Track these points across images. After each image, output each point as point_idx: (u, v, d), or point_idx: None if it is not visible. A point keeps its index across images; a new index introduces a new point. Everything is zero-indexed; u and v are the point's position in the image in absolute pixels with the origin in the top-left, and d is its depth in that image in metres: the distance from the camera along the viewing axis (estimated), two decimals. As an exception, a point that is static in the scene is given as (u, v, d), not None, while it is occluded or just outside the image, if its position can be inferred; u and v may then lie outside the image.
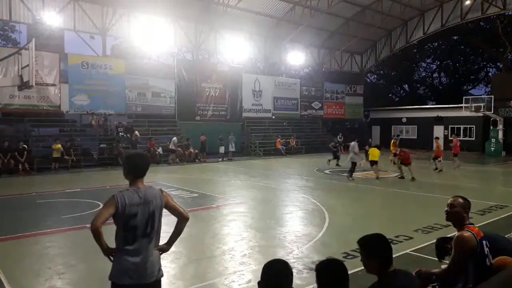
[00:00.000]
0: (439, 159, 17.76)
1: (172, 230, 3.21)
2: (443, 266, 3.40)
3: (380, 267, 2.56)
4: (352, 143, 15.76)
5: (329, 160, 19.86)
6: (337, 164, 19.51)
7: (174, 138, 21.32)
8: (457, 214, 3.28)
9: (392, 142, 21.08)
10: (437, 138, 20.00)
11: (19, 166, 16.76)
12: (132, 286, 2.92)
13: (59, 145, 17.87)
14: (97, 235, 2.90)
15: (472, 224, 3.30)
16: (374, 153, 15.08)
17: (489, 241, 3.24)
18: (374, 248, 2.62)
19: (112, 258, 3.01)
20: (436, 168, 17.63)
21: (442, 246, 3.70)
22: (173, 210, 3.16)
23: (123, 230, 2.97)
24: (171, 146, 21.05)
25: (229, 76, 27.14)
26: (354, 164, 14.97)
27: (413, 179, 14.53)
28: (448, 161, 19.00)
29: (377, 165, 15.12)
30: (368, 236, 2.69)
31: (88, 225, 8.23)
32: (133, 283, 2.92)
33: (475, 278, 3.08)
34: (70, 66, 20.88)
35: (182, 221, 3.18)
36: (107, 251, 3.01)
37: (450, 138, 27.32)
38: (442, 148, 18.72)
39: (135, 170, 3.05)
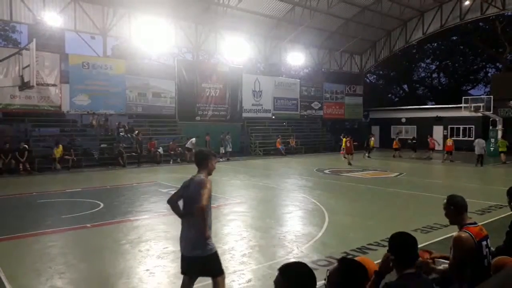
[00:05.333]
0: (430, 151, 23.84)
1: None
2: (442, 267, 3.42)
3: (400, 266, 2.61)
4: (477, 139, 20.57)
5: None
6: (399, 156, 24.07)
7: (193, 139, 21.70)
8: (448, 215, 3.40)
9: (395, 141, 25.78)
10: (447, 136, 23.41)
11: (20, 166, 16.79)
12: None
13: (61, 148, 17.96)
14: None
15: (474, 223, 3.31)
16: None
17: None
18: (391, 246, 2.69)
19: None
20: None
21: None
22: None
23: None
24: (188, 145, 21.49)
25: (229, 77, 27.16)
26: (479, 156, 19.68)
27: (349, 164, 19.50)
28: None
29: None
30: (400, 234, 2.75)
31: (89, 225, 8.29)
32: None
33: (472, 278, 3.11)
34: (70, 67, 20.89)
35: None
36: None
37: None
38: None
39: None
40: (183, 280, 4.04)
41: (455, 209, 3.33)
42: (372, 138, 26.34)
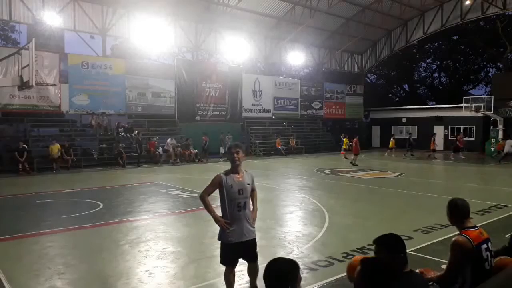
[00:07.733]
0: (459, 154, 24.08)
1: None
2: (443, 266, 3.40)
3: (397, 267, 2.51)
4: (508, 140, 22.21)
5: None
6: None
7: (168, 139, 21.49)
8: (450, 219, 3.39)
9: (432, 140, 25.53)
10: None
11: (19, 166, 16.74)
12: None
13: (58, 145, 17.86)
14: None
15: (474, 227, 3.28)
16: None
17: None
18: (394, 247, 2.58)
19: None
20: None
21: None
22: None
23: None
24: (166, 147, 21.27)
25: (229, 76, 27.13)
26: (507, 154, 21.42)
27: (354, 164, 19.53)
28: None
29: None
30: (386, 235, 2.65)
31: (88, 225, 8.23)
32: None
33: (472, 281, 3.09)
34: (70, 66, 20.88)
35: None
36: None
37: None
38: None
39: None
40: None
41: (457, 212, 3.33)
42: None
